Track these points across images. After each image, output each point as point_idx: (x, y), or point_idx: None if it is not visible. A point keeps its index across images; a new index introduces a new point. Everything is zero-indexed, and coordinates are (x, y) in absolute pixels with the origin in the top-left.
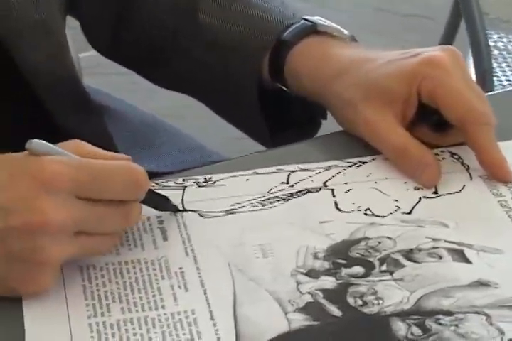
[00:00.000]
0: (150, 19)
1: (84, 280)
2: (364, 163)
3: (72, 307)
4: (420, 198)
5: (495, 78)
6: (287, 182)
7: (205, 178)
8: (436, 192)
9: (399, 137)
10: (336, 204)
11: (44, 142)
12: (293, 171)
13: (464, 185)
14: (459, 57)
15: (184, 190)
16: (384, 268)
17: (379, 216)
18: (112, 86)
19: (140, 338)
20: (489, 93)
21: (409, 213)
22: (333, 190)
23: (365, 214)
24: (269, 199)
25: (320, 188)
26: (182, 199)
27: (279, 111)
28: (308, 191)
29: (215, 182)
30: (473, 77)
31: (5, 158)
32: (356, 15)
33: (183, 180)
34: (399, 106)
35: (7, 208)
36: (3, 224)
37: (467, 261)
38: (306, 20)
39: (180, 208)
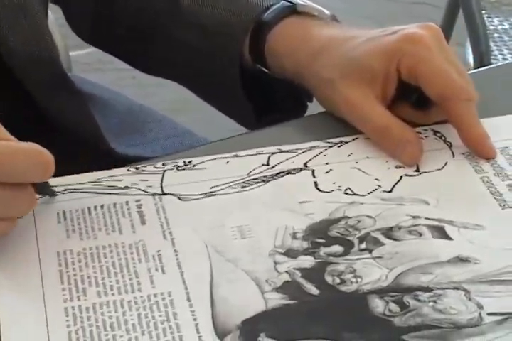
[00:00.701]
0: (132, 3)
1: (61, 265)
2: (345, 142)
3: (49, 292)
4: (401, 176)
5: (494, 62)
6: (267, 164)
7: (184, 162)
8: (417, 170)
9: (379, 116)
10: (315, 184)
11: None
12: (273, 153)
13: (446, 162)
14: (439, 33)
15: (163, 174)
16: (363, 246)
17: (359, 195)
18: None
19: (116, 321)
20: (483, 68)
21: (390, 191)
22: (313, 170)
23: (346, 193)
24: (249, 181)
25: (300, 169)
26: (161, 183)
27: (264, 95)
28: (289, 172)
29: (194, 165)
30: (471, 60)
31: None
32: (358, 3)
33: (163, 164)
34: (379, 84)
35: None
36: None
37: (447, 237)
38: (286, 1)
39: (159, 192)
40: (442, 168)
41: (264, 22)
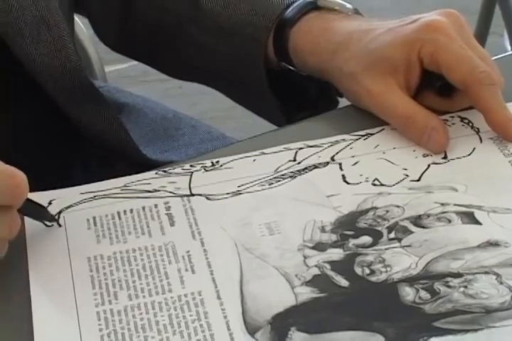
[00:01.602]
0: (153, 7)
1: (92, 270)
2: (371, 134)
3: (80, 297)
4: (429, 165)
5: None
6: (294, 160)
7: (212, 162)
8: (445, 158)
9: (404, 105)
10: (343, 177)
11: None
12: (300, 148)
13: (474, 148)
14: (459, 18)
15: (191, 175)
16: (392, 235)
17: (387, 185)
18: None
19: (147, 322)
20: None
21: (418, 180)
22: (340, 163)
23: (373, 184)
24: (276, 177)
25: (327, 163)
26: (189, 185)
27: (294, 92)
28: (316, 166)
29: (221, 165)
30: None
31: None
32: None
33: (191, 166)
34: (401, 74)
35: None
36: None
37: (477, 222)
38: None
39: (187, 193)
40: (470, 154)
41: (286, 19)
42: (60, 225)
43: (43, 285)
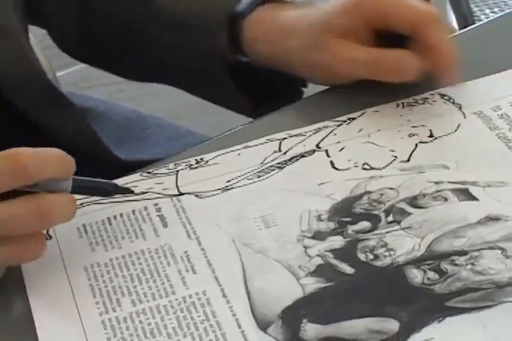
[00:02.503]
0: (110, 10)
1: (91, 279)
2: (353, 119)
3: (82, 307)
4: (416, 144)
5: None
6: (280, 151)
7: (196, 160)
8: (431, 136)
9: (368, 51)
10: (331, 163)
11: None
12: (283, 138)
13: (459, 124)
14: None
15: (177, 174)
16: (390, 219)
17: (377, 168)
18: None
19: (155, 327)
20: (468, 28)
21: (408, 161)
22: (326, 150)
23: (363, 168)
24: (263, 170)
25: (313, 151)
26: (176, 184)
27: (260, 84)
28: (302, 156)
29: (207, 161)
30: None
31: None
32: None
33: (175, 165)
34: (356, 37)
35: None
36: None
37: (473, 198)
38: None
39: (176, 193)
40: (456, 130)
41: (238, 12)
42: (132, 191)
43: (43, 299)
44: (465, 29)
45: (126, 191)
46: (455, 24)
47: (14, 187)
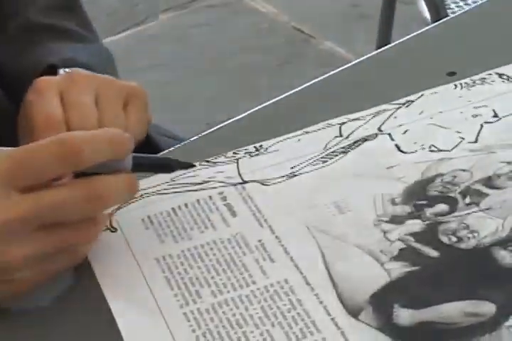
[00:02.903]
0: None
1: (165, 271)
2: (412, 101)
3: (162, 301)
4: (482, 125)
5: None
6: (341, 135)
7: (255, 147)
8: (496, 116)
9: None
10: (397, 147)
11: None
12: (343, 123)
13: None
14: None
15: (238, 162)
16: (468, 200)
17: (445, 150)
18: None
19: (241, 317)
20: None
21: (476, 142)
22: (390, 133)
23: (431, 151)
24: (328, 155)
25: (376, 134)
26: (238, 172)
27: None
28: (366, 139)
29: (266, 148)
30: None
31: None
32: None
33: (234, 153)
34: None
35: None
36: None
37: None
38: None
39: (239, 181)
40: None
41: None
42: (194, 165)
43: (120, 295)
44: (438, 22)
45: (189, 166)
46: (427, 14)
47: (65, 174)
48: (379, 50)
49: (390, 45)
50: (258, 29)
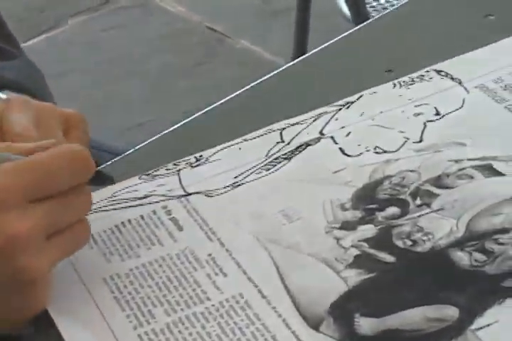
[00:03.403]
0: None
1: (114, 291)
2: (352, 102)
3: (113, 323)
4: (425, 123)
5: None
6: (282, 141)
7: (195, 157)
8: (438, 114)
9: None
10: (341, 150)
11: None
12: (283, 128)
13: (464, 99)
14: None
15: (179, 174)
16: (419, 202)
17: (391, 151)
18: None
19: (198, 336)
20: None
21: (421, 141)
22: (332, 137)
23: (376, 152)
24: (271, 162)
25: (319, 138)
26: (181, 184)
27: None
28: (308, 144)
29: (207, 158)
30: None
31: None
32: None
33: (174, 165)
34: None
35: None
36: None
37: (499, 173)
38: None
39: (183, 193)
40: (462, 106)
41: None
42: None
43: (69, 319)
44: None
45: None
46: (348, 13)
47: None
48: (311, 52)
49: (320, 47)
50: (171, 30)
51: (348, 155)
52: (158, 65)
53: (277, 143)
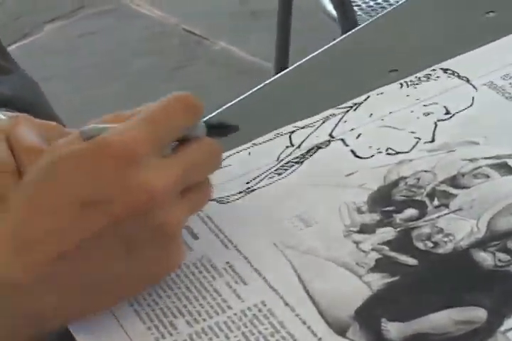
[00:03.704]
0: None
1: (133, 304)
2: (359, 104)
3: (135, 336)
4: (435, 123)
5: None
6: (292, 145)
7: None
8: (448, 113)
9: None
10: (353, 152)
11: (94, 125)
12: (292, 132)
13: (473, 97)
14: None
15: None
16: (436, 203)
17: (403, 152)
18: None
19: None
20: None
21: (433, 141)
22: (343, 139)
23: (388, 154)
24: (282, 166)
25: (329, 141)
26: None
27: None
28: (319, 147)
29: None
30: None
31: (71, 154)
32: None
33: None
34: None
35: (105, 200)
36: (109, 217)
37: None
38: None
39: None
40: (472, 104)
41: None
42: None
43: (89, 336)
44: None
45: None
46: (332, 10)
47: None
48: (313, 54)
49: (322, 49)
50: (148, 34)
51: (360, 158)
52: (138, 68)
53: (287, 147)
